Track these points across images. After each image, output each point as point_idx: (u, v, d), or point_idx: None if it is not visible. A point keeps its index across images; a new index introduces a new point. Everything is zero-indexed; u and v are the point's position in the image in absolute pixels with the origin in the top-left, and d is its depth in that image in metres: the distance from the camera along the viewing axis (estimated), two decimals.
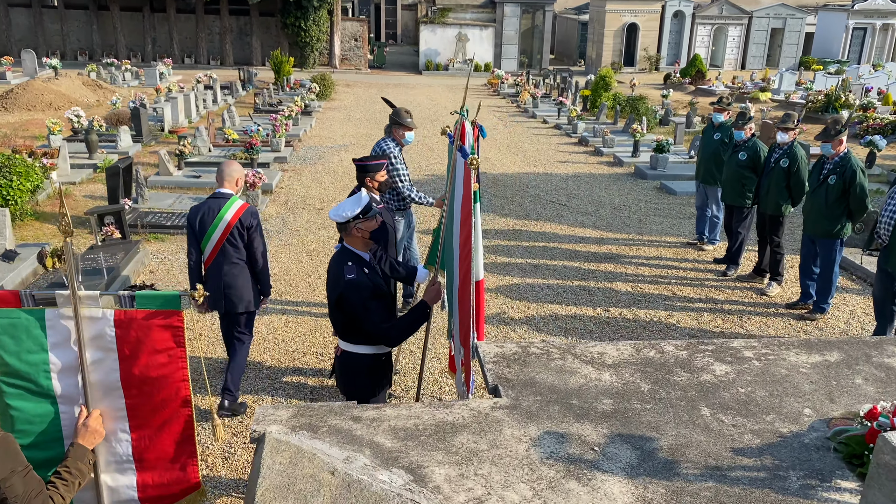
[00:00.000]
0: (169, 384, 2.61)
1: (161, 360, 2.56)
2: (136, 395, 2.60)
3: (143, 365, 2.55)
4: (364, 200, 3.77)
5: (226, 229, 4.91)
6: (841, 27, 35.32)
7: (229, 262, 4.99)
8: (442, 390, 5.74)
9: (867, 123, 16.49)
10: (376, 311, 3.70)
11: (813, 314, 7.33)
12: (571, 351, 3.19)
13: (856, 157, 6.93)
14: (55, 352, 2.50)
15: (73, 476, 2.39)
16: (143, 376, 2.57)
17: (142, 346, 2.53)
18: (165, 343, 2.55)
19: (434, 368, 6.10)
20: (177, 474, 2.72)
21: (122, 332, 2.51)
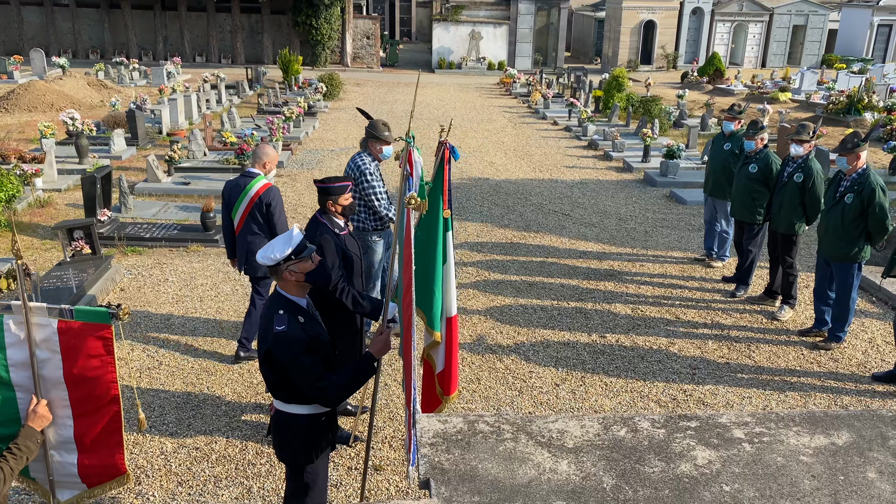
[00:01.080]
0: (101, 384, 3.18)
1: (94, 364, 3.14)
2: (77, 390, 3.17)
3: (80, 366, 3.13)
4: (296, 239, 3.29)
5: (249, 204, 5.62)
6: (865, 24, 34.25)
7: (252, 232, 5.70)
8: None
9: (891, 127, 15.72)
10: (311, 367, 3.22)
11: (828, 343, 6.75)
12: (527, 428, 2.69)
13: (875, 174, 6.34)
14: (11, 350, 3.09)
15: (22, 451, 3.01)
16: (81, 375, 3.14)
17: (79, 350, 3.11)
18: (97, 350, 3.13)
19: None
20: (108, 459, 3.33)
21: (64, 338, 3.09)
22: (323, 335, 3.41)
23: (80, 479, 3.34)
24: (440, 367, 4.40)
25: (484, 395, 5.83)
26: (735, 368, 6.35)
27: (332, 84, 22.98)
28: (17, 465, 2.97)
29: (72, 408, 3.20)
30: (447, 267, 4.28)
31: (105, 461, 3.32)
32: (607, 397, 5.85)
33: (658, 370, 6.29)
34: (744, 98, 22.84)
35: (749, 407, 5.75)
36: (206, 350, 6.38)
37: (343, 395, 3.30)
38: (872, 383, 6.16)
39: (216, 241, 8.87)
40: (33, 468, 3.32)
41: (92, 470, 3.32)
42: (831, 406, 5.78)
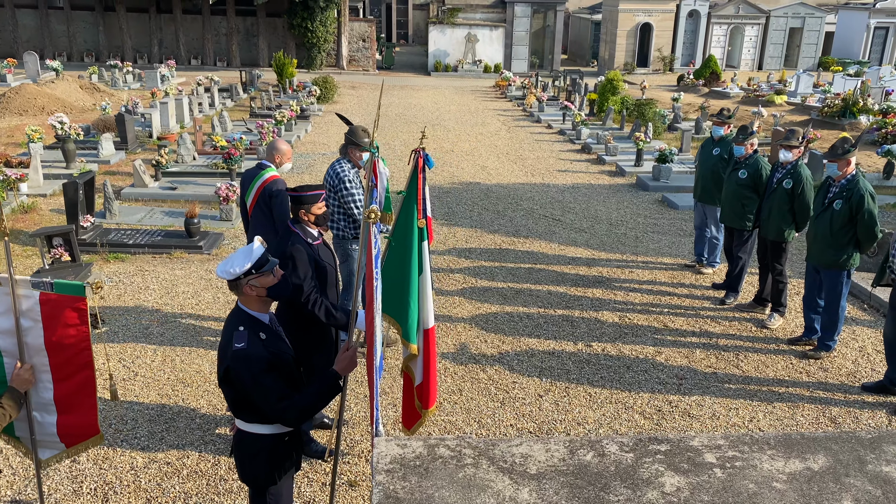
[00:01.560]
0: (77, 350, 3.49)
1: (72, 332, 3.45)
2: (56, 356, 3.47)
3: (59, 334, 3.43)
4: (256, 253, 3.17)
5: (256, 193, 5.80)
6: (862, 26, 34.20)
7: (259, 220, 5.78)
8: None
9: (886, 130, 15.63)
10: (271, 387, 3.10)
11: (817, 352, 6.64)
12: (489, 453, 2.58)
13: (864, 181, 6.23)
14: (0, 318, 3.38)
15: (5, 410, 3.30)
16: (60, 343, 3.45)
17: (58, 320, 3.41)
18: (74, 320, 3.44)
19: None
20: (84, 420, 3.66)
21: (45, 308, 3.39)
22: (286, 352, 3.29)
23: (59, 438, 3.67)
24: (418, 380, 4.29)
25: (465, 407, 5.71)
26: (722, 378, 6.24)
27: (327, 87, 22.88)
28: (10, 413, 3.33)
29: (52, 372, 3.52)
30: (423, 278, 4.18)
31: (81, 421, 3.65)
32: (591, 409, 5.73)
33: (644, 380, 6.18)
34: (739, 101, 22.76)
35: (735, 418, 5.64)
36: (184, 360, 6.26)
37: (305, 416, 3.18)
38: (862, 394, 6.05)
39: (200, 248, 8.75)
40: (18, 428, 3.63)
41: (70, 430, 3.66)
42: (819, 418, 5.67)
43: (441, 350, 6.61)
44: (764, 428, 5.53)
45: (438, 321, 7.17)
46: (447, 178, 13.26)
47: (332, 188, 6.10)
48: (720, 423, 5.57)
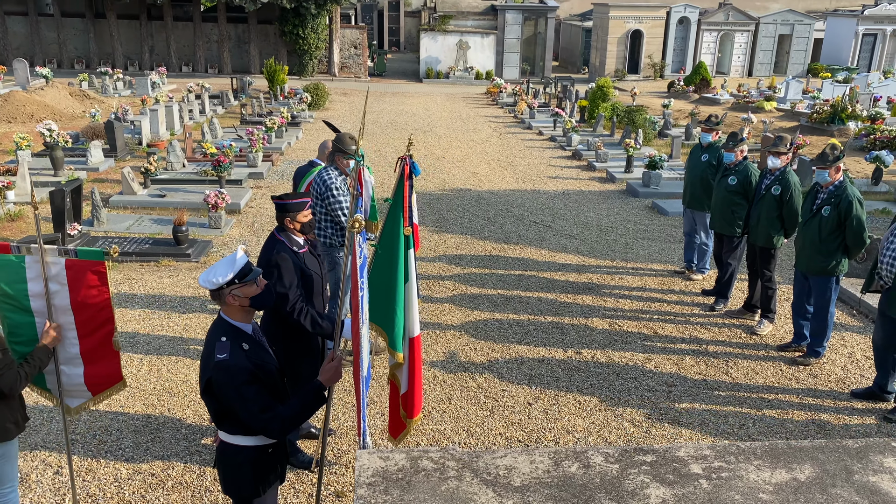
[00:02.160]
0: (99, 308, 3.87)
1: (94, 293, 3.83)
2: (80, 314, 3.86)
3: (83, 295, 3.82)
4: (239, 262, 3.14)
5: (306, 188, 6.26)
6: (850, 33, 34.44)
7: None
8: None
9: (874, 136, 15.72)
10: (254, 398, 3.06)
11: (807, 358, 6.64)
12: (473, 465, 2.54)
13: (852, 187, 6.25)
14: (31, 283, 3.77)
15: (36, 362, 3.74)
16: (84, 302, 3.83)
17: (81, 282, 3.79)
18: (95, 282, 3.81)
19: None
20: (109, 370, 4.04)
21: (70, 273, 3.78)
22: (269, 363, 3.25)
23: (86, 388, 4.06)
24: (404, 388, 4.26)
25: (454, 415, 5.68)
26: (712, 385, 6.23)
27: (318, 94, 22.84)
28: (32, 371, 3.72)
29: (77, 329, 3.89)
30: (409, 286, 4.15)
31: (106, 371, 4.05)
32: (580, 417, 5.71)
33: (633, 388, 6.16)
34: (729, 107, 22.85)
35: (725, 426, 5.62)
36: (170, 370, 6.21)
37: (289, 427, 3.14)
38: (851, 400, 6.04)
39: (188, 256, 8.70)
40: (48, 381, 4.04)
41: (96, 379, 4.05)
42: (808, 425, 5.66)
43: (430, 358, 6.58)
44: (753, 435, 5.51)
45: (428, 329, 7.14)
46: (438, 185, 13.24)
47: (319, 196, 6.06)
48: (710, 431, 5.55)
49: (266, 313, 4.54)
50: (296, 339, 4.49)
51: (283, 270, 4.29)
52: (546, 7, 34.77)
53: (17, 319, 3.83)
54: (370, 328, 4.18)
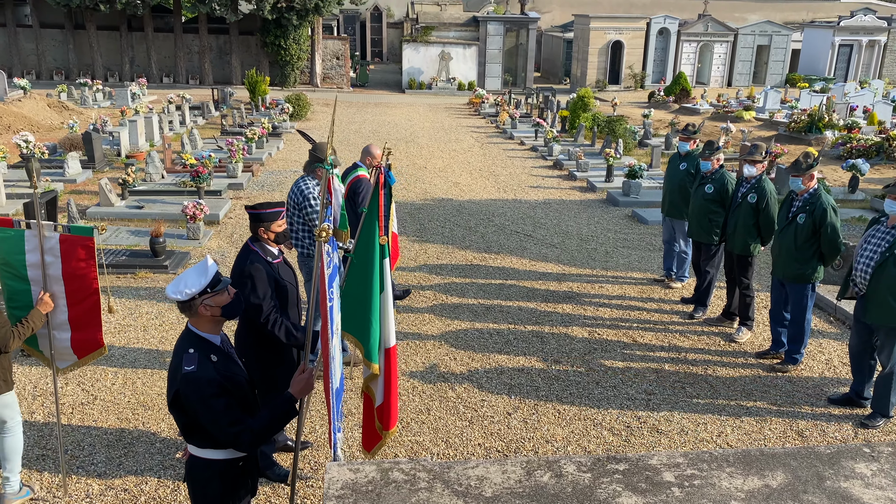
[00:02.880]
0: (87, 280, 4.30)
1: (83, 265, 4.25)
2: (70, 284, 4.29)
3: (73, 267, 4.24)
4: (211, 270, 3.10)
5: (346, 189, 6.73)
6: (827, 44, 34.97)
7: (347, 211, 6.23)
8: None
9: (851, 145, 15.92)
10: (223, 411, 3.01)
11: (784, 365, 6.67)
12: (444, 476, 2.51)
13: (827, 195, 6.30)
14: (29, 255, 4.20)
15: (29, 324, 4.19)
16: (73, 273, 4.25)
17: (72, 255, 4.21)
18: (84, 255, 4.22)
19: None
20: (92, 336, 4.46)
21: (63, 246, 4.19)
22: (239, 374, 3.20)
23: (72, 351, 4.48)
24: (379, 400, 4.22)
25: (433, 426, 5.64)
26: (691, 393, 6.23)
27: (300, 104, 22.81)
28: (24, 332, 4.17)
29: (67, 298, 4.31)
30: (384, 296, 4.11)
31: (90, 337, 4.45)
32: (559, 426, 5.69)
33: (613, 396, 6.15)
34: (709, 117, 23.07)
35: (704, 434, 5.63)
36: (146, 383, 6.12)
37: (260, 440, 3.09)
38: (829, 406, 6.07)
39: (165, 268, 8.61)
40: (41, 343, 4.47)
41: (81, 344, 4.46)
42: (787, 431, 5.68)
43: (410, 368, 6.54)
44: (732, 443, 5.52)
45: (408, 339, 7.10)
46: (420, 195, 13.23)
47: (297, 206, 6.02)
48: (688, 439, 5.55)
49: (240, 324, 4.49)
50: (270, 351, 4.44)
51: (257, 281, 4.25)
52: (527, 18, 35.02)
53: (16, 287, 4.30)
54: (346, 339, 4.14)
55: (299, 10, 29.77)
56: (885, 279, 5.47)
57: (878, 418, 5.77)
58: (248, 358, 4.33)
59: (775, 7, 46.62)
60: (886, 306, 5.49)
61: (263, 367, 4.45)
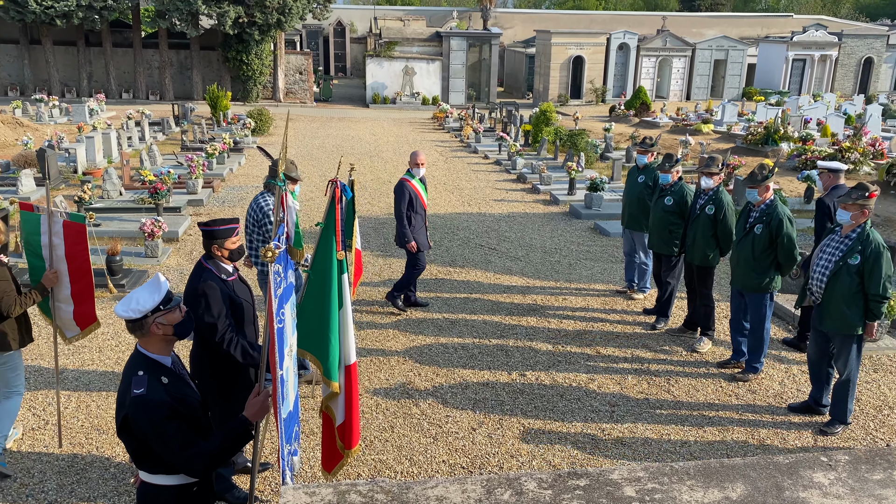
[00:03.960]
0: (83, 260, 4.93)
1: (80, 248, 4.91)
2: (72, 264, 4.92)
3: (72, 248, 4.89)
4: (164, 286, 3.01)
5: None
6: (781, 58, 35.90)
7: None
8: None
9: (806, 156, 16.31)
10: (175, 434, 2.92)
11: (745, 374, 6.75)
12: (403, 497, 2.46)
13: (783, 205, 6.42)
14: (43, 236, 4.88)
15: (30, 297, 4.86)
16: (73, 254, 4.89)
17: (72, 238, 4.87)
18: (80, 239, 4.89)
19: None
20: (89, 310, 5.07)
21: (66, 230, 4.87)
22: (191, 396, 3.11)
23: (75, 323, 5.09)
24: (340, 419, 4.14)
25: (397, 444, 5.56)
26: (654, 404, 6.26)
27: (262, 119, 22.62)
28: (27, 302, 4.83)
29: (69, 275, 4.93)
30: (343, 312, 4.05)
31: (87, 311, 5.06)
32: (524, 440, 5.66)
33: (577, 409, 6.15)
34: (669, 130, 23.46)
35: (667, 445, 5.64)
36: (100, 406, 5.95)
37: (213, 465, 3.00)
38: (789, 414, 6.15)
39: (122, 286, 8.41)
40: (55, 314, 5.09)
41: (82, 317, 5.07)
42: (748, 440, 5.73)
43: (373, 385, 6.46)
44: (695, 453, 5.55)
45: (371, 355, 7.03)
46: (384, 209, 13.17)
47: (256, 222, 5.93)
48: (652, 450, 5.57)
49: (195, 344, 4.38)
50: (226, 371, 4.34)
51: (211, 299, 4.15)
52: (490, 34, 35.32)
53: (35, 263, 5.02)
54: (306, 357, 4.07)
55: (261, 25, 29.61)
56: (838, 288, 5.57)
57: (837, 425, 5.86)
58: (203, 379, 4.22)
59: (731, 23, 47.81)
60: (840, 314, 5.59)
61: (219, 389, 4.35)
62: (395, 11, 48.75)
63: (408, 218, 7.90)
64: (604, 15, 50.27)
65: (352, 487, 2.52)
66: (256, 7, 28.90)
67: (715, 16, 50.53)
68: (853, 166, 15.96)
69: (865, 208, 5.58)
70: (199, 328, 4.17)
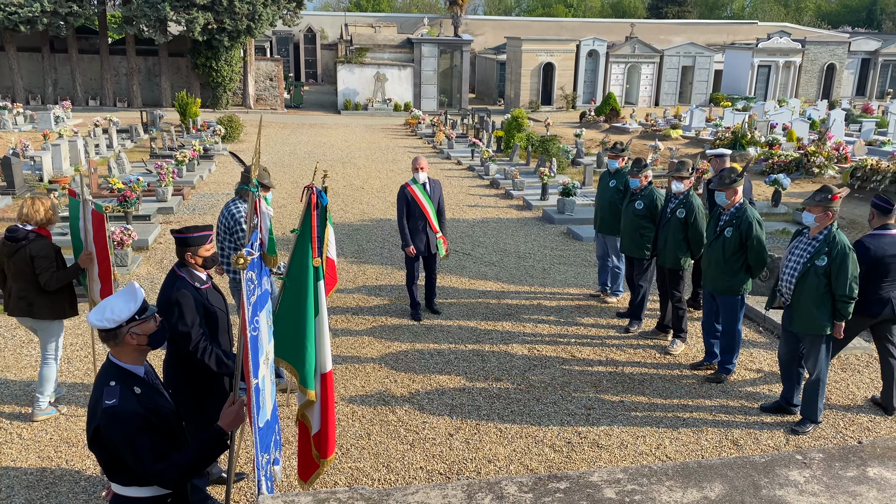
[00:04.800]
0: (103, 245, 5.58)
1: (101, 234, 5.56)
2: (97, 246, 5.60)
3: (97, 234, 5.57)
4: (140, 294, 2.95)
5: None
6: (747, 65, 36.57)
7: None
8: None
9: (773, 161, 16.61)
10: (148, 446, 2.86)
11: (718, 375, 6.83)
12: (383, 503, 2.45)
13: (752, 208, 6.52)
14: (80, 220, 5.61)
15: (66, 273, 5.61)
16: (97, 238, 5.57)
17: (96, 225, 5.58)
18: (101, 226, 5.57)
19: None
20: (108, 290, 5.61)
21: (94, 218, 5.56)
22: (164, 407, 3.06)
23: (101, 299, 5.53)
24: (316, 427, 4.10)
25: (373, 451, 5.53)
26: (629, 407, 6.31)
27: (232, 126, 22.43)
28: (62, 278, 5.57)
29: (97, 255, 5.60)
30: (320, 319, 4.01)
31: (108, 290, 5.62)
32: (502, 445, 5.66)
33: (553, 412, 6.17)
34: (638, 135, 23.74)
35: (643, 447, 5.69)
36: (69, 418, 5.82)
37: (187, 476, 2.95)
38: (761, 415, 6.23)
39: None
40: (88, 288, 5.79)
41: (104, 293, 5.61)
42: (722, 441, 5.79)
43: (349, 393, 6.42)
44: (670, 454, 5.59)
45: (346, 363, 6.99)
46: (358, 216, 13.13)
47: (228, 229, 5.87)
48: (628, 453, 5.60)
49: (168, 354, 4.31)
50: (200, 380, 4.28)
51: (184, 308, 4.10)
52: (461, 41, 35.46)
53: (77, 244, 5.72)
54: (281, 365, 4.02)
55: (231, 32, 29.38)
56: (807, 289, 5.67)
57: (808, 424, 5.95)
58: (177, 389, 4.16)
59: (698, 29, 48.60)
60: (809, 315, 5.69)
61: (193, 398, 4.28)
62: (366, 18, 48.76)
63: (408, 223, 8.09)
64: (573, 22, 50.79)
65: (331, 495, 2.50)
66: (226, 13, 28.68)
67: (682, 23, 51.33)
68: (818, 170, 16.30)
69: (829, 210, 5.69)
70: (173, 337, 4.10)
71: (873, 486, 2.60)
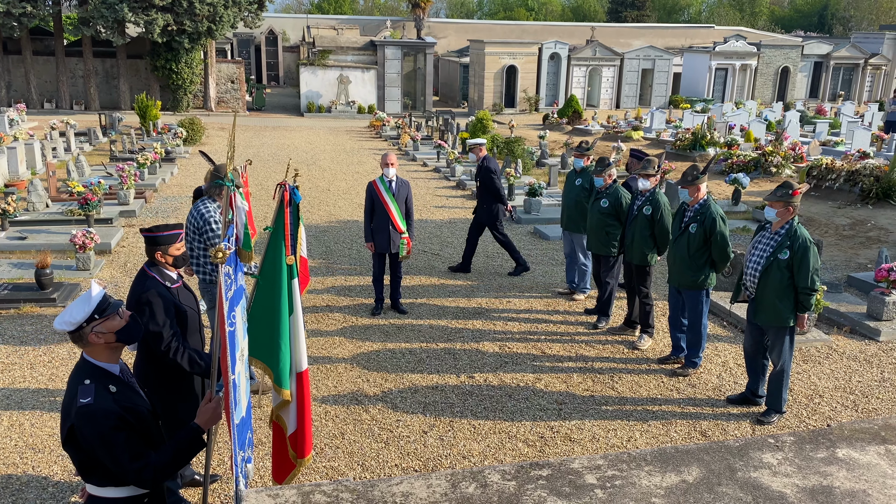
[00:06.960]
0: None
1: None
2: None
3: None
4: (96, 297, 2.91)
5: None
6: (705, 68, 37.28)
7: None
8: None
9: (732, 160, 16.98)
10: (123, 445, 2.82)
11: (685, 369, 6.97)
12: (368, 494, 2.45)
13: (715, 205, 6.67)
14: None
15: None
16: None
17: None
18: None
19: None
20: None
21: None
22: (140, 405, 3.02)
23: None
24: (292, 427, 4.07)
25: (347, 450, 5.52)
26: (600, 401, 6.40)
27: (193, 129, 22.12)
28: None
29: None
30: (294, 318, 4.00)
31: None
32: (475, 441, 5.69)
33: (525, 408, 6.22)
34: (600, 137, 24.04)
35: (614, 439, 5.77)
36: (34, 424, 5.69)
37: (164, 475, 2.91)
38: (727, 406, 6.37)
39: (53, 301, 8.08)
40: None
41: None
42: (691, 432, 5.91)
43: (322, 393, 6.39)
44: (641, 446, 5.68)
45: (318, 363, 6.95)
46: (324, 217, 13.06)
47: (197, 230, 5.81)
48: (600, 446, 5.68)
49: (139, 354, 4.25)
50: (172, 380, 4.23)
51: (155, 308, 4.04)
52: (424, 43, 35.51)
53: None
54: (255, 365, 3.99)
55: (191, 34, 28.96)
56: (770, 282, 5.83)
57: (773, 414, 6.11)
58: (148, 389, 4.10)
59: (657, 33, 49.42)
60: (773, 308, 5.85)
61: (165, 398, 4.22)
62: (328, 20, 48.51)
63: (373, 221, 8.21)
64: (535, 25, 51.20)
65: (316, 488, 2.50)
66: (186, 15, 28.26)
67: (641, 27, 52.14)
68: (776, 169, 16.70)
69: (790, 205, 5.85)
70: (144, 337, 4.05)
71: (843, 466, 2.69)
